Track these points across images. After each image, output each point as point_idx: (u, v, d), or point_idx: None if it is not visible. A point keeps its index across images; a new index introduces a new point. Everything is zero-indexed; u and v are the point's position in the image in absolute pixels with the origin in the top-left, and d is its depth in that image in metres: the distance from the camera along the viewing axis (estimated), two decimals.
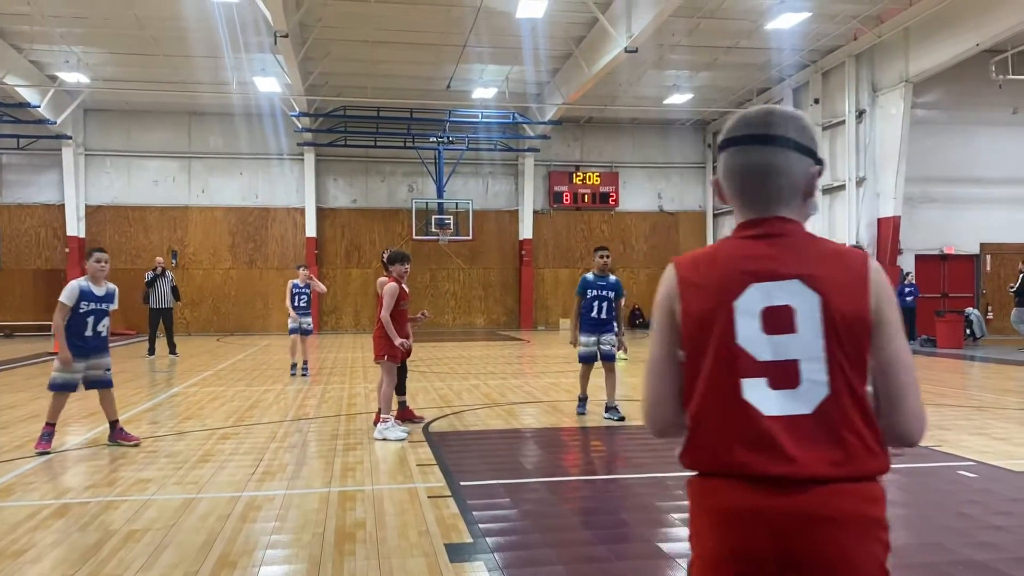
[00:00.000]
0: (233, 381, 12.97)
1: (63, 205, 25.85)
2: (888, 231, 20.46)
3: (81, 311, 7.24)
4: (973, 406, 9.91)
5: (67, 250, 25.84)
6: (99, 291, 7.36)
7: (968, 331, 19.92)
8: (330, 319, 27.40)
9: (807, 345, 1.64)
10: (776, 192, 1.76)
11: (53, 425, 7.37)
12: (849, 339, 1.64)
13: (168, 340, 17.35)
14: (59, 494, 5.87)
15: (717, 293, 1.70)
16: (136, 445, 7.57)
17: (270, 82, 21.75)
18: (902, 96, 19.75)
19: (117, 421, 7.71)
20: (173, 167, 26.86)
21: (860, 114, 21.13)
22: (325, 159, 27.31)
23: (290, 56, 18.79)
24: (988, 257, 23.10)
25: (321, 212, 27.32)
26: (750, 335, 1.66)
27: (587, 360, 9.19)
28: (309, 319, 13.80)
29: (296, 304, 13.51)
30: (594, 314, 9.11)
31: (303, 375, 13.53)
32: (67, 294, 7.23)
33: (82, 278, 7.40)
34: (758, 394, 1.64)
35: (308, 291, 13.71)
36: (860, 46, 20.47)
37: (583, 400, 9.40)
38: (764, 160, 1.75)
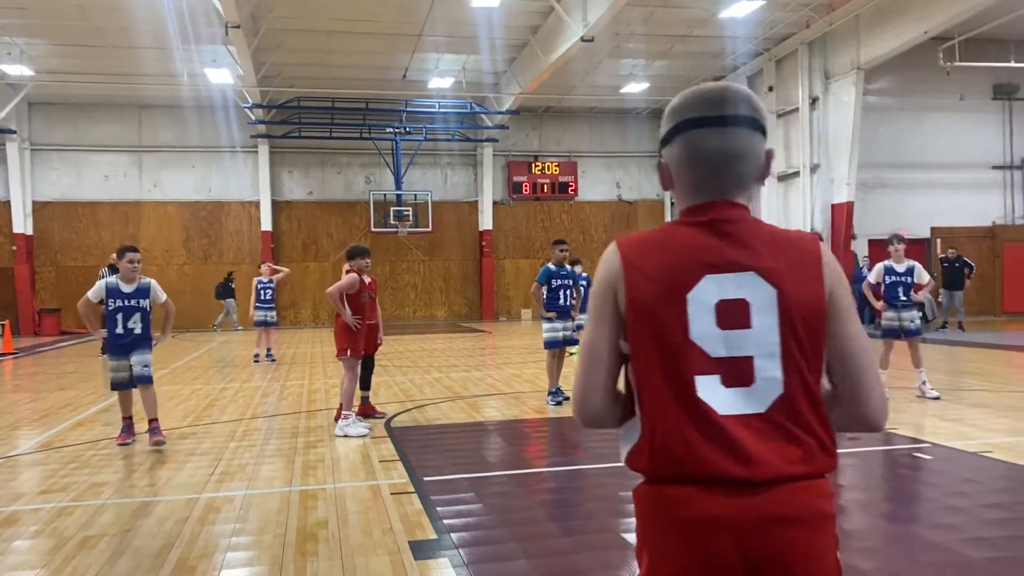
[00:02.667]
0: (190, 379, 12.75)
1: (8, 202, 25.12)
2: (842, 217, 20.79)
3: (110, 308, 7.35)
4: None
5: (14, 248, 25.13)
6: (127, 288, 7.42)
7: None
8: (288, 313, 27.07)
9: (762, 341, 1.57)
10: (737, 177, 1.67)
11: (129, 418, 7.64)
12: (806, 333, 1.57)
13: None
14: (10, 500, 5.70)
15: (668, 283, 1.60)
16: (160, 444, 7.35)
17: (222, 73, 21.33)
18: (854, 83, 20.04)
19: (155, 419, 7.48)
20: (124, 161, 26.26)
21: (813, 101, 21.39)
22: (279, 151, 26.91)
23: (242, 47, 18.46)
24: (939, 241, 23.60)
25: (277, 205, 26.95)
26: (703, 330, 1.58)
27: (554, 345, 9.54)
28: (274, 312, 14.97)
29: (261, 298, 14.61)
30: (561, 302, 9.63)
31: (268, 361, 14.87)
32: (93, 290, 7.42)
33: (113, 276, 7.60)
34: (712, 392, 1.56)
35: (272, 285, 14.82)
36: (813, 34, 20.72)
37: (556, 391, 9.45)
38: (729, 143, 1.65)
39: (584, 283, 14.95)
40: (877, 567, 4.17)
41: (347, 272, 8.31)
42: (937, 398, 9.13)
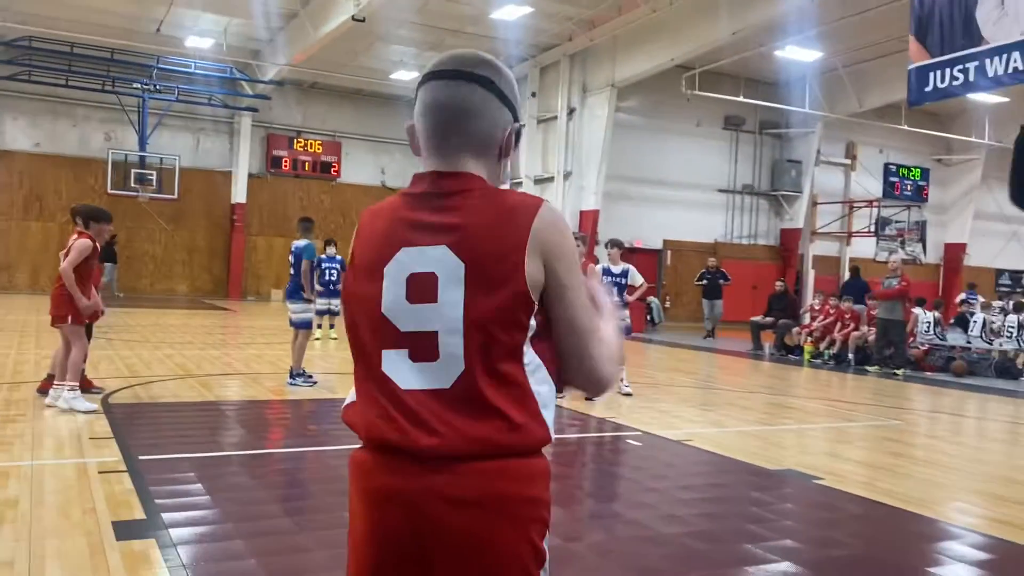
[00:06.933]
0: None
1: None
2: (589, 223, 22.16)
3: None
4: (647, 383, 11.05)
5: None
6: None
7: (648, 317, 22.22)
8: (1, 277, 24.11)
9: (447, 317, 1.52)
10: (467, 137, 1.62)
11: None
12: (496, 310, 1.51)
13: None
14: None
15: (372, 255, 1.61)
16: None
17: None
18: (608, 99, 21.42)
19: None
20: None
21: (571, 112, 22.57)
22: (4, 94, 23.87)
23: None
24: (669, 252, 25.87)
25: None
26: (394, 304, 1.57)
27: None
28: None
29: None
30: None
31: None
32: None
33: None
34: (397, 366, 1.55)
35: None
36: (575, 47, 21.86)
37: (305, 374, 9.21)
38: (459, 96, 1.62)
39: (338, 266, 14.78)
40: (579, 542, 4.49)
41: (79, 236, 7.45)
42: (629, 394, 9.70)
